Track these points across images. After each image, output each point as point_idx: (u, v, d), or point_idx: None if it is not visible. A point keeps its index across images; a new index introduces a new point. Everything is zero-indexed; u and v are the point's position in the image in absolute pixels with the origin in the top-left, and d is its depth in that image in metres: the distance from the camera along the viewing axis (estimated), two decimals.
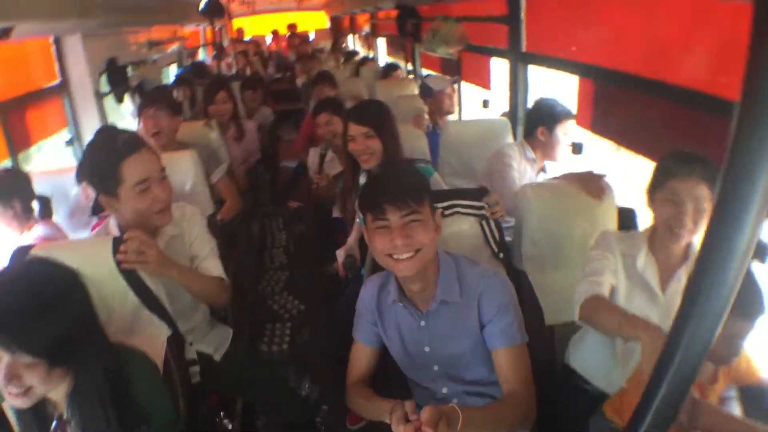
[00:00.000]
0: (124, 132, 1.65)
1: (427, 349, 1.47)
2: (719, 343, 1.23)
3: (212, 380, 1.80)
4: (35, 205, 2.08)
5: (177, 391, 1.47)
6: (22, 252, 1.43)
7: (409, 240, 1.30)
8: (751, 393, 1.43)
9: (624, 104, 2.23)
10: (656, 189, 1.51)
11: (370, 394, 1.44)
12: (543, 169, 2.54)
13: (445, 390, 1.50)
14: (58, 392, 1.13)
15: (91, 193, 2.06)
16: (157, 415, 1.19)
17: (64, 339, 1.03)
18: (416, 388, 1.57)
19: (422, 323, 1.45)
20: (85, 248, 1.30)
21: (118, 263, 1.39)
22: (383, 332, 1.51)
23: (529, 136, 2.47)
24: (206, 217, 1.93)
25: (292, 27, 10.93)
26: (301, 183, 4.28)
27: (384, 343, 1.53)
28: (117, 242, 1.41)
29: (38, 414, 1.16)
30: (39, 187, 2.13)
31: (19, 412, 1.17)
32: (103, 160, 1.55)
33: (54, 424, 1.18)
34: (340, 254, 2.35)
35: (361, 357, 1.53)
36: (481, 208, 1.79)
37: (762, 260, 1.67)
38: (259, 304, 3.39)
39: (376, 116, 2.15)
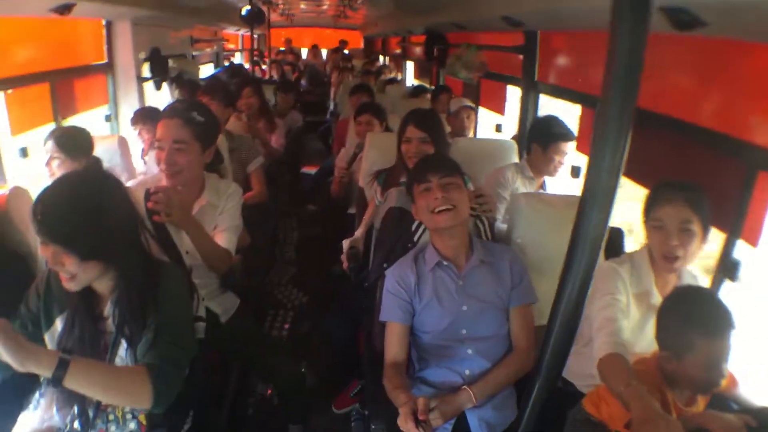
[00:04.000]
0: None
1: (464, 308, 1.66)
2: (700, 372, 1.28)
3: (216, 339, 1.95)
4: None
5: None
6: None
7: (446, 195, 1.62)
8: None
9: None
10: (647, 219, 1.57)
11: (398, 383, 1.54)
12: (542, 186, 2.65)
13: (470, 351, 1.66)
14: (102, 285, 1.28)
15: (145, 135, 2.40)
16: (180, 319, 1.31)
17: (95, 240, 1.17)
18: (441, 354, 1.68)
19: (460, 283, 1.68)
20: None
21: (149, 211, 1.61)
22: (419, 302, 1.67)
23: (527, 152, 2.61)
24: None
25: (343, 43, 11.22)
26: (321, 188, 4.44)
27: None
28: (148, 193, 1.63)
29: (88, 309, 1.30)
30: None
31: (75, 309, 1.30)
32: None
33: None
34: (346, 244, 2.48)
35: (395, 336, 1.66)
36: (474, 208, 1.93)
37: (733, 279, 1.78)
38: (265, 293, 3.51)
39: (433, 125, 2.32)
